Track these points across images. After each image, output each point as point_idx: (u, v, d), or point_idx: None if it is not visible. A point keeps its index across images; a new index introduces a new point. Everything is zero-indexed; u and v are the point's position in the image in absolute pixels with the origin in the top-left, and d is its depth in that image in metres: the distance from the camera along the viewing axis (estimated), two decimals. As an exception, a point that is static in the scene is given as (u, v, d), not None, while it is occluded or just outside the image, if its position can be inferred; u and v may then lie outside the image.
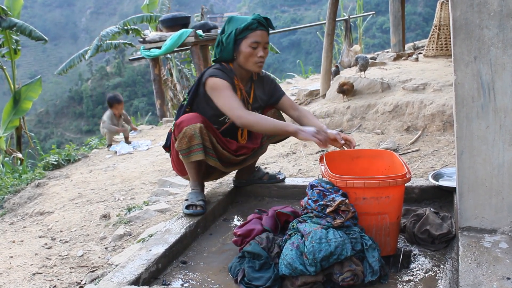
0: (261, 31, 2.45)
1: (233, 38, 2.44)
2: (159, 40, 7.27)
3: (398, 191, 2.02)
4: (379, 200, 2.01)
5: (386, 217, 2.03)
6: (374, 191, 2.00)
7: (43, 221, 3.29)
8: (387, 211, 2.03)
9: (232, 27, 2.47)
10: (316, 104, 5.06)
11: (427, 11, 40.42)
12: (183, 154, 2.49)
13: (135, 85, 40.35)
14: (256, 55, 2.45)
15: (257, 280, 1.87)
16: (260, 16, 2.47)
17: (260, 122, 2.36)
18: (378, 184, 1.98)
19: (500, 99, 1.84)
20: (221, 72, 2.48)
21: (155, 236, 2.32)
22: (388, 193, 2.00)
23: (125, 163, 4.75)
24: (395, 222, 2.07)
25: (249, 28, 2.42)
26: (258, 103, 2.68)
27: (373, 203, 2.02)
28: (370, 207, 2.02)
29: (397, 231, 2.11)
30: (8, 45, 8.23)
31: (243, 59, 2.47)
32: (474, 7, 1.81)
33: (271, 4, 59.54)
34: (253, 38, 2.43)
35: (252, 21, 2.42)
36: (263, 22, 2.45)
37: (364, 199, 2.01)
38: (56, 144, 8.61)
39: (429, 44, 6.17)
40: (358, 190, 2.01)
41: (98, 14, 70.93)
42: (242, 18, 2.49)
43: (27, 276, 2.41)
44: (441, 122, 3.85)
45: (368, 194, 2.01)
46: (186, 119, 2.46)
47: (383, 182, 1.98)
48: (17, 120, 8.31)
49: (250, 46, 2.43)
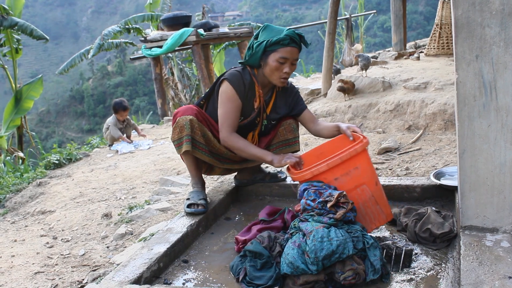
0: (292, 47, 2.41)
1: (263, 48, 2.42)
2: (160, 39, 7.28)
3: (363, 158, 2.05)
4: (350, 175, 2.05)
5: (365, 187, 2.07)
6: (340, 168, 2.04)
7: (45, 220, 3.29)
8: (363, 181, 2.06)
9: (265, 36, 2.44)
10: (317, 103, 5.06)
11: (428, 10, 40.39)
12: (175, 145, 2.56)
13: (136, 84, 40.39)
14: (282, 70, 2.43)
15: (258, 279, 1.87)
16: (294, 33, 2.41)
17: (240, 148, 2.47)
18: (340, 160, 2.03)
19: (502, 98, 1.83)
20: (239, 78, 2.49)
21: (157, 235, 2.33)
22: (354, 164, 2.04)
23: (126, 162, 4.75)
24: (377, 188, 2.09)
25: (281, 43, 2.39)
26: (276, 114, 2.67)
27: (346, 179, 2.06)
28: (346, 184, 2.06)
29: (383, 196, 2.13)
30: (10, 44, 8.24)
31: (268, 71, 2.47)
32: (476, 5, 1.80)
33: (272, 3, 59.49)
34: (282, 54, 2.40)
35: (285, 37, 2.37)
36: (296, 39, 2.41)
37: (336, 180, 2.04)
38: (58, 143, 8.63)
39: (431, 43, 6.17)
40: (326, 174, 2.04)
41: (99, 13, 70.97)
42: (277, 29, 2.46)
43: (29, 275, 2.41)
44: (442, 121, 3.84)
45: (336, 173, 2.05)
46: (181, 110, 2.54)
47: (343, 155, 2.03)
48: (19, 119, 8.33)
49: (278, 60, 2.41)
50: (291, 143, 2.77)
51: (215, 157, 2.63)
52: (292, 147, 2.77)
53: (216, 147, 2.58)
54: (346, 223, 1.95)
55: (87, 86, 41.56)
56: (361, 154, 2.05)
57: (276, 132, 2.73)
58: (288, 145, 2.76)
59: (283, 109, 2.68)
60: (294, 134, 2.75)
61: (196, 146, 2.53)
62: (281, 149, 2.75)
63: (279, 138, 2.74)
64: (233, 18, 47.69)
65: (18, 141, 8.71)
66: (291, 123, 2.73)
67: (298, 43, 2.43)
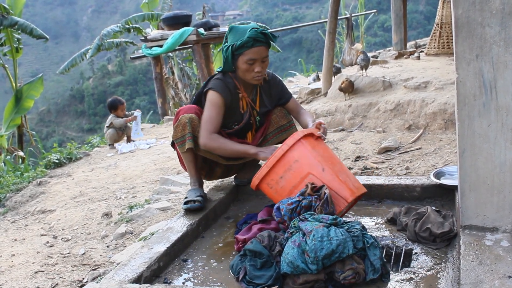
0: (258, 47, 2.41)
1: (230, 53, 2.44)
2: (161, 38, 7.27)
3: (299, 150, 2.02)
4: (292, 169, 2.02)
5: (312, 177, 2.03)
6: (280, 165, 2.01)
7: (45, 219, 3.29)
8: (307, 172, 2.02)
9: (231, 39, 2.45)
10: (317, 102, 5.05)
11: (428, 10, 40.33)
12: (178, 143, 2.58)
13: (136, 83, 40.38)
14: (253, 70, 2.45)
15: (258, 279, 1.87)
16: (256, 33, 2.39)
17: (221, 147, 2.47)
18: (276, 158, 2.01)
19: (502, 97, 1.83)
20: (222, 85, 2.51)
21: (157, 234, 2.33)
22: (293, 158, 2.01)
23: (126, 162, 4.75)
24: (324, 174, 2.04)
25: (245, 46, 2.39)
26: (265, 108, 2.71)
27: (290, 175, 2.02)
28: (292, 179, 2.04)
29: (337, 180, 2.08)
30: (10, 43, 8.24)
31: (241, 73, 2.50)
32: (476, 5, 1.80)
33: (272, 3, 59.45)
34: (249, 55, 2.41)
35: (247, 40, 2.37)
36: (260, 38, 2.40)
37: (282, 178, 2.02)
38: (58, 142, 8.63)
39: (431, 43, 6.16)
40: (272, 175, 2.03)
41: (99, 13, 70.94)
42: (241, 30, 2.43)
43: (29, 274, 2.41)
44: (442, 120, 3.84)
45: (279, 171, 2.02)
46: (183, 109, 2.57)
47: (277, 153, 2.01)
48: (19, 118, 8.33)
49: (247, 62, 2.42)
50: (287, 128, 2.78)
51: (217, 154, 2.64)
52: (289, 131, 2.77)
53: None
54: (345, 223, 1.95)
55: (87, 86, 41.55)
56: (295, 146, 2.00)
57: (269, 121, 2.75)
58: (284, 131, 2.78)
59: (271, 101, 2.72)
60: (287, 119, 2.78)
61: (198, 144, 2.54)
62: (278, 136, 2.78)
63: (274, 126, 2.77)
64: (234, 17, 47.73)
65: (19, 141, 8.71)
66: (281, 109, 2.76)
67: (263, 41, 2.42)
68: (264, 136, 2.76)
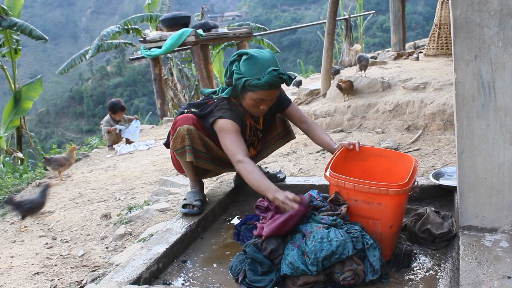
0: (272, 90, 2.33)
1: (241, 84, 2.33)
2: (160, 39, 7.27)
3: (391, 200, 1.95)
4: (370, 205, 1.98)
5: (378, 223, 1.99)
6: (364, 195, 1.97)
7: (44, 220, 3.29)
8: (378, 218, 1.99)
9: (246, 69, 2.31)
10: (316, 103, 5.06)
11: (427, 10, 40.38)
12: (177, 154, 2.52)
13: (135, 84, 40.36)
14: (258, 107, 2.39)
15: (259, 282, 1.87)
16: (274, 78, 2.27)
17: (249, 176, 2.25)
18: (368, 189, 1.95)
19: (501, 98, 1.83)
20: (233, 115, 2.42)
21: (156, 236, 2.33)
22: (379, 200, 1.95)
23: (125, 163, 4.75)
24: (389, 231, 2.00)
25: (259, 87, 2.29)
26: (268, 124, 2.70)
27: (364, 206, 1.99)
28: (361, 210, 2.00)
29: (391, 240, 2.03)
30: (9, 44, 8.23)
31: (245, 104, 2.42)
32: (475, 6, 1.81)
33: (271, 4, 59.46)
34: (261, 96, 2.33)
35: (264, 84, 2.27)
36: (276, 83, 2.30)
37: (356, 201, 2.00)
38: (57, 143, 8.62)
39: (430, 43, 6.16)
40: (349, 191, 2.00)
41: (98, 14, 70.90)
42: (259, 65, 2.29)
43: (28, 275, 2.41)
44: (441, 121, 3.85)
45: (359, 196, 1.99)
46: (180, 118, 2.50)
47: (373, 188, 1.94)
48: (18, 119, 8.32)
49: (255, 100, 2.35)
50: (285, 134, 2.81)
51: (217, 163, 2.62)
52: (287, 138, 2.82)
53: (217, 154, 2.56)
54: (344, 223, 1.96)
55: (86, 87, 41.50)
56: (391, 196, 1.94)
57: (268, 130, 2.76)
58: (283, 138, 2.81)
59: (272, 116, 2.70)
60: (284, 125, 2.78)
61: (198, 156, 2.51)
62: (277, 143, 2.80)
63: (272, 134, 2.77)
64: (232, 18, 47.69)
65: (17, 142, 8.70)
66: (279, 116, 2.76)
67: (278, 85, 2.34)
68: (263, 144, 2.77)
